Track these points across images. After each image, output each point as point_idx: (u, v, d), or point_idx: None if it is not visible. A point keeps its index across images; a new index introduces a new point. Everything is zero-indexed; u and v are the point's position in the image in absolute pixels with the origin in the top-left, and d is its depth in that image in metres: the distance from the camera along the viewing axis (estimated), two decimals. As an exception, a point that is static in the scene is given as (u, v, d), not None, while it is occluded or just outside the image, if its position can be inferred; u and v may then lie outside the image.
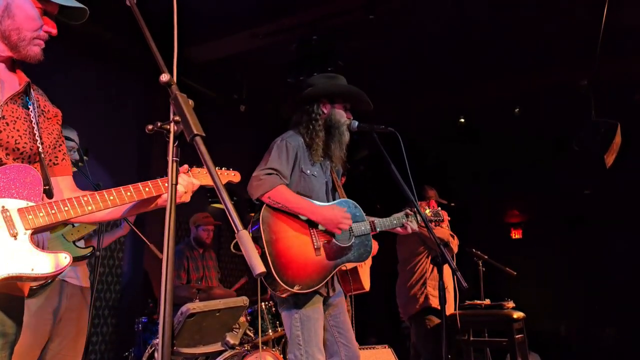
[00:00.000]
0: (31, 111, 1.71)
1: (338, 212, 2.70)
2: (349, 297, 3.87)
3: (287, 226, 2.64)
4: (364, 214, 2.93)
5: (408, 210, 3.05)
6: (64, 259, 1.59)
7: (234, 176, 2.15)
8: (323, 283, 2.65)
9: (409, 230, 3.02)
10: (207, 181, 1.94)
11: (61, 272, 1.62)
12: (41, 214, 1.58)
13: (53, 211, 1.60)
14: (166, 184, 1.77)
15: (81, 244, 3.12)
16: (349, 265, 2.84)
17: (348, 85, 2.97)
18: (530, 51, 6.14)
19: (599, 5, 4.21)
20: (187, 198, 1.85)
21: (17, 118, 1.67)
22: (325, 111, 2.88)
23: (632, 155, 5.83)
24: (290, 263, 2.56)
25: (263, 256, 2.51)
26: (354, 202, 2.92)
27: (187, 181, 1.84)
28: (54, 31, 1.73)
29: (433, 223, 3.25)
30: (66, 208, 1.62)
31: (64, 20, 1.76)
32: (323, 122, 2.85)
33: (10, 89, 1.70)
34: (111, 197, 1.69)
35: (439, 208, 3.31)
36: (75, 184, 1.89)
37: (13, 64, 1.76)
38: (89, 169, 3.19)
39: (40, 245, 2.73)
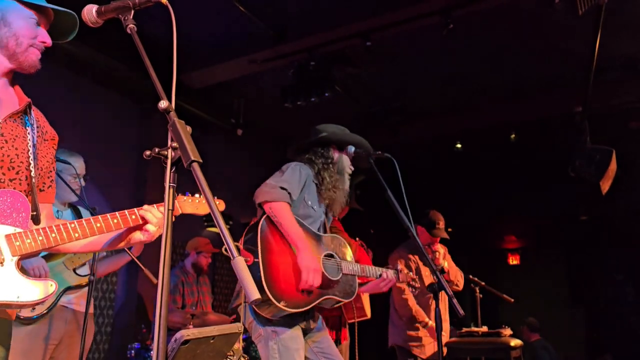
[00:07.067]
0: (29, 132, 1.71)
1: (317, 266, 2.60)
2: (348, 325, 3.83)
3: (283, 242, 2.63)
4: (353, 256, 2.95)
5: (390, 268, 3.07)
6: (50, 286, 1.58)
7: (219, 204, 2.10)
8: (307, 308, 2.60)
9: (387, 278, 2.98)
10: (193, 210, 1.93)
11: (47, 300, 1.60)
12: (28, 241, 1.57)
13: (40, 238, 1.59)
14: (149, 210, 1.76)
15: (84, 270, 3.10)
16: (333, 300, 2.75)
17: (359, 137, 3.05)
18: (525, 78, 6.23)
19: (591, 33, 4.30)
20: (159, 233, 1.77)
21: (16, 137, 1.67)
22: (335, 156, 2.97)
23: (627, 182, 5.86)
24: (280, 277, 2.53)
25: (255, 264, 2.48)
26: (345, 240, 2.95)
27: (159, 217, 1.76)
28: (49, 41, 1.74)
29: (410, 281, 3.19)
30: (53, 235, 1.60)
31: (53, 40, 1.77)
32: (335, 167, 2.95)
33: (9, 106, 1.70)
34: (98, 224, 1.68)
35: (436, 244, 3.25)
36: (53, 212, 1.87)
37: (13, 81, 1.76)
38: (85, 193, 3.19)
39: (40, 271, 2.71)
